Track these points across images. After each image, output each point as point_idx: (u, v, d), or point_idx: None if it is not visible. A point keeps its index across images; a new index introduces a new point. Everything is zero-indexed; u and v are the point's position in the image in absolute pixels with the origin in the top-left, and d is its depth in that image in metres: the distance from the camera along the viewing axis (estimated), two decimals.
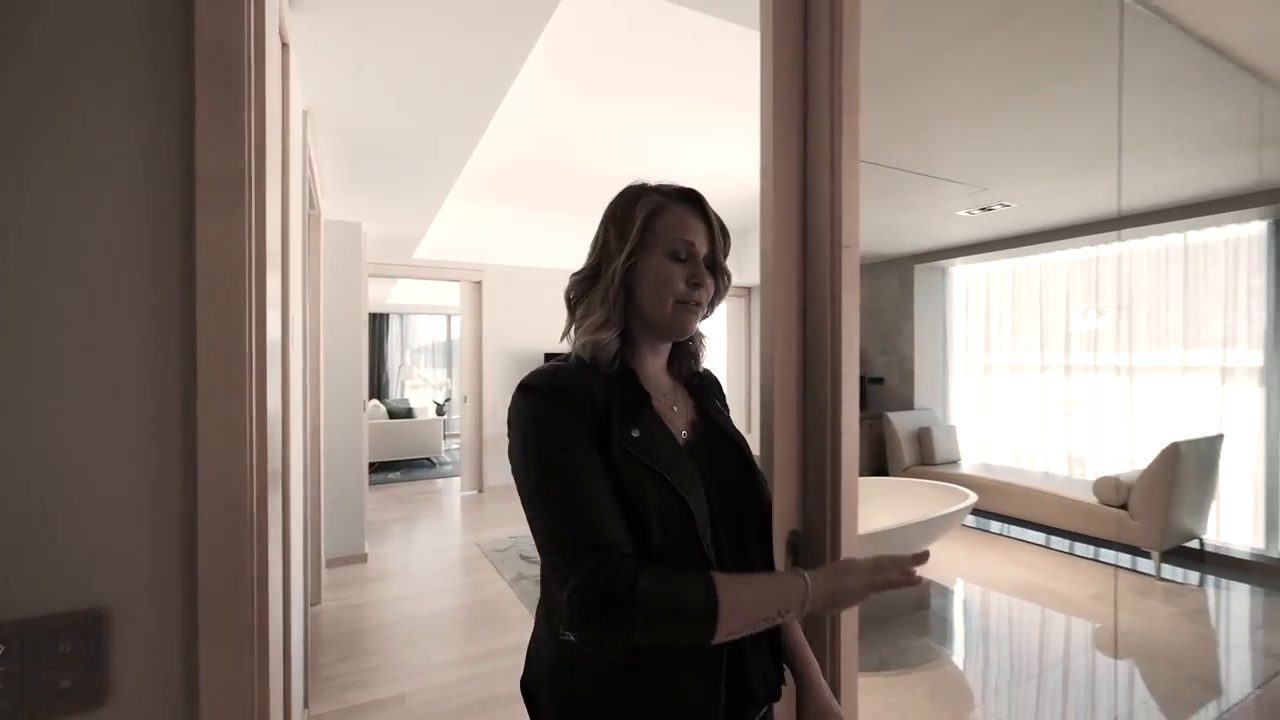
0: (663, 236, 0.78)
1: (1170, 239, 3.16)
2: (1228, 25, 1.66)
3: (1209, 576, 3.26)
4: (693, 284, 0.78)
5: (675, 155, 3.72)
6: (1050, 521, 3.84)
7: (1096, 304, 3.92)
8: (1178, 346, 3.24)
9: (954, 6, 1.33)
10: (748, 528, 0.81)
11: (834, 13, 1.00)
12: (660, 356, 0.86)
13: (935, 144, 1.65)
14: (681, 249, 0.78)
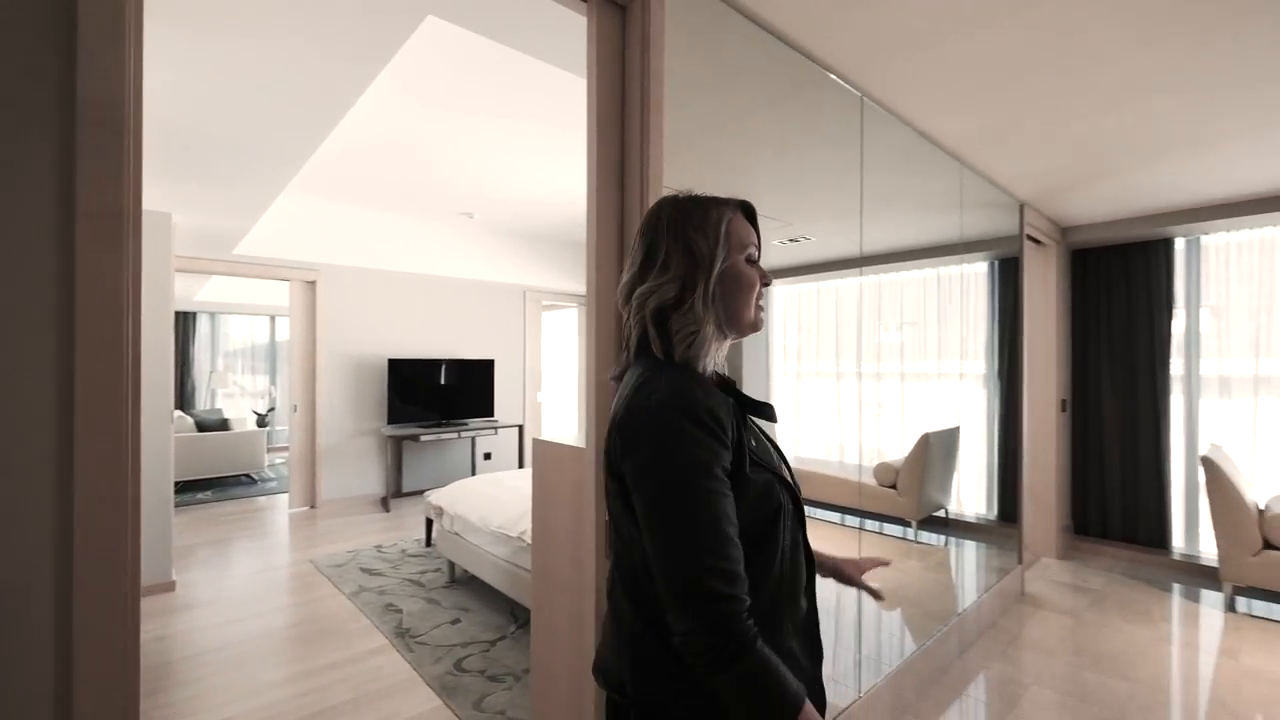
0: (737, 243, 0.81)
1: (927, 271, 4.06)
2: (936, 125, 2.26)
3: (950, 538, 4.14)
4: (764, 284, 0.82)
5: (527, 171, 3.87)
6: (846, 503, 4.59)
7: (880, 321, 4.82)
8: (934, 357, 4.11)
9: (740, 90, 1.68)
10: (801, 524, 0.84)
11: (643, 95, 1.26)
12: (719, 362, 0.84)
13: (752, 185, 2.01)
14: (754, 253, 0.83)
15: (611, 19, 1.30)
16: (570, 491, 1.44)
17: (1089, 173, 2.82)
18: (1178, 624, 2.99)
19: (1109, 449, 4.01)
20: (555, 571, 1.55)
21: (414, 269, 5.32)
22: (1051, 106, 2.10)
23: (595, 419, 1.25)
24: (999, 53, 1.74)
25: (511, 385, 6.13)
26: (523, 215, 5.04)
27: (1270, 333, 3.53)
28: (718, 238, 0.79)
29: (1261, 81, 1.90)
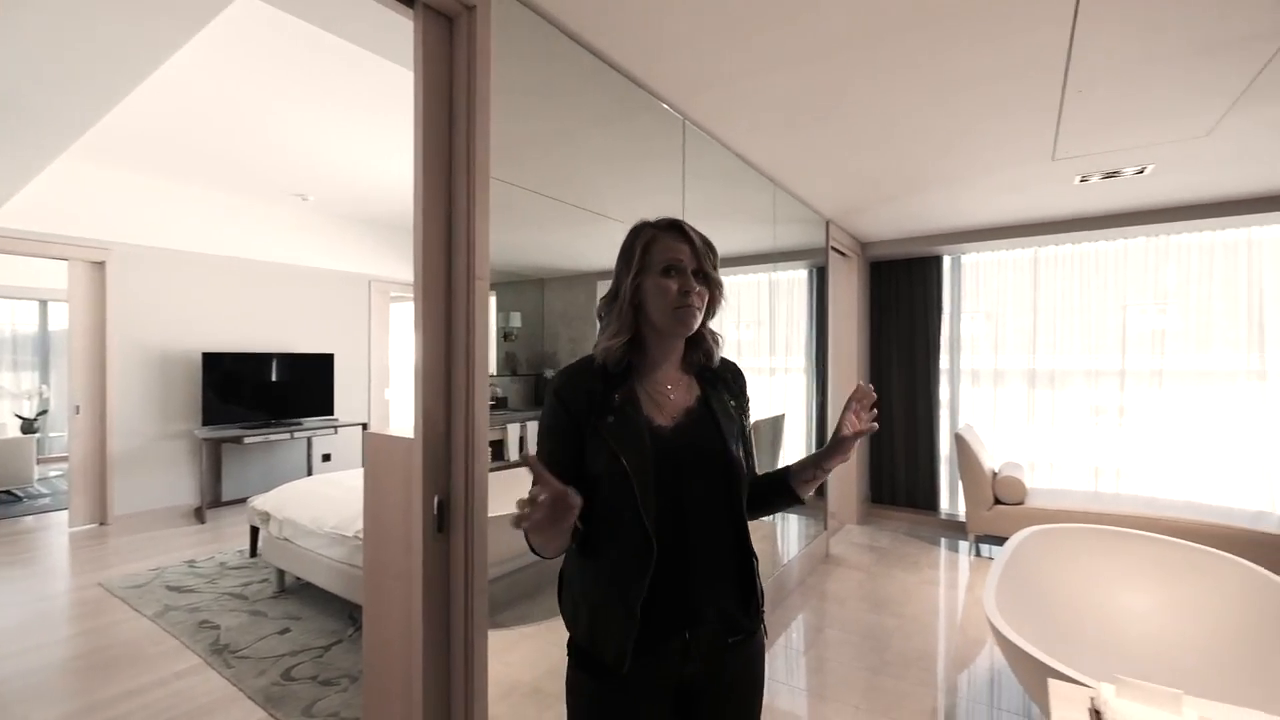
0: (656, 260, 0.98)
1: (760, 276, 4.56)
2: (749, 149, 2.59)
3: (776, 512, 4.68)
4: (683, 291, 0.97)
5: (371, 155, 3.69)
6: None
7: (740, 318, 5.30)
8: (766, 353, 4.62)
9: (570, 104, 1.82)
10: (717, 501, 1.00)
11: (470, 104, 1.33)
12: (670, 353, 1.04)
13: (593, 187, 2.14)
14: (669, 265, 0.98)
15: (439, 27, 1.36)
16: (401, 480, 1.47)
17: (872, 199, 3.38)
18: (936, 569, 3.70)
19: (897, 430, 4.80)
20: (388, 562, 1.57)
21: (236, 252, 4.78)
22: (836, 142, 2.51)
23: (424, 409, 1.31)
24: (789, 96, 2.06)
25: (355, 381, 5.76)
26: (368, 201, 4.77)
27: (1006, 335, 4.47)
28: (630, 259, 1.00)
29: (988, 136, 2.45)
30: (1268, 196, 3.30)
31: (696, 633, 0.97)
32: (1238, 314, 3.75)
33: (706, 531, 0.99)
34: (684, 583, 0.97)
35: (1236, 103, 2.07)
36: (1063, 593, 2.31)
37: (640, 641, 0.94)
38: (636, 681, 0.96)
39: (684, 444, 0.99)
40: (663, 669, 0.97)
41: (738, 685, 1.04)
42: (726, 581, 1.01)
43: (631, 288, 0.99)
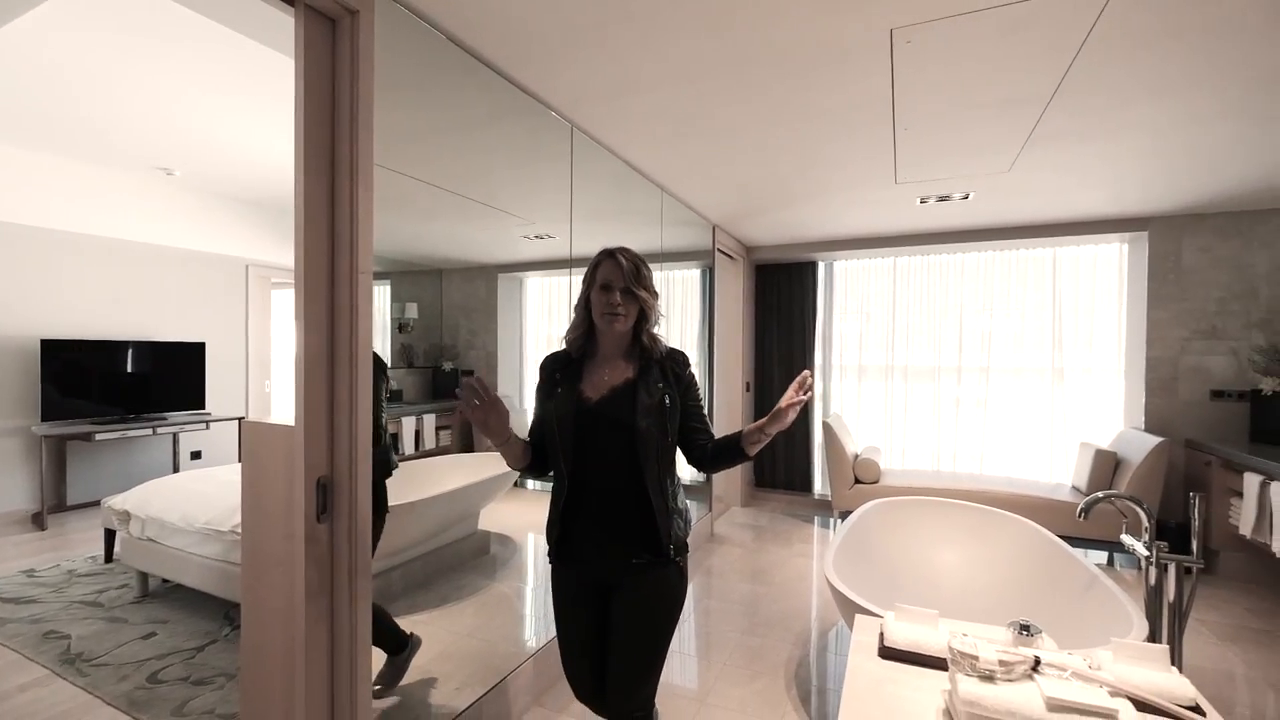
0: (597, 278, 1.39)
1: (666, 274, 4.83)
2: (636, 158, 2.78)
3: None
4: (611, 303, 1.36)
5: (249, 129, 3.50)
6: None
7: None
8: None
9: (458, 106, 1.90)
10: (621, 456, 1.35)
11: (353, 103, 1.40)
12: (615, 346, 1.43)
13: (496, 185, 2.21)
14: (604, 283, 1.38)
15: (321, 27, 1.40)
16: (282, 468, 1.50)
17: (752, 208, 3.70)
18: (807, 543, 4.13)
19: None
20: (268, 551, 1.59)
21: (83, 229, 4.31)
22: (715, 156, 2.76)
23: (305, 397, 1.36)
24: (668, 112, 2.27)
25: (231, 372, 5.37)
26: (247, 180, 4.46)
27: (870, 334, 5.02)
28: (587, 278, 1.42)
29: (841, 160, 2.79)
30: (1062, 223, 3.99)
31: (602, 551, 1.38)
32: (1044, 320, 4.49)
33: (609, 479, 1.37)
34: (590, 515, 1.38)
35: (1024, 148, 2.54)
36: (894, 552, 2.72)
37: (566, 546, 1.41)
38: (572, 575, 1.43)
39: (601, 413, 1.37)
40: (580, 568, 1.41)
41: (643, 593, 1.39)
42: (625, 523, 1.37)
43: (584, 297, 1.42)
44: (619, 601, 1.39)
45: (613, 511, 1.36)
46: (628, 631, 1.39)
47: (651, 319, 1.43)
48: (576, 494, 1.37)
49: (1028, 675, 1.08)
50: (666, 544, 1.37)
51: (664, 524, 1.36)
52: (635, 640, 1.39)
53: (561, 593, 1.46)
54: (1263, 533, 2.94)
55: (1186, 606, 1.72)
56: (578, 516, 1.38)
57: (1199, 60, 1.83)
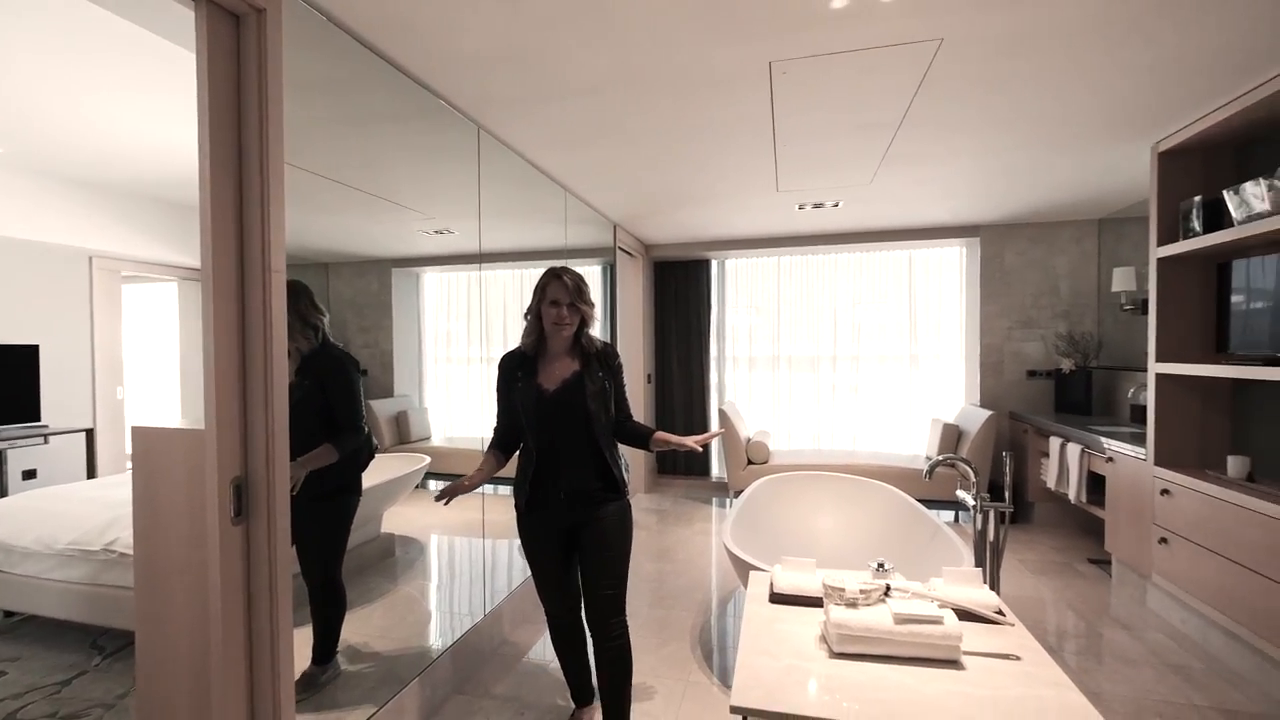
0: (546, 295, 1.75)
1: None
2: (541, 159, 2.87)
3: None
4: (560, 316, 1.73)
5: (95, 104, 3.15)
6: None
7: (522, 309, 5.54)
8: None
9: (364, 102, 1.90)
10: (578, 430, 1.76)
11: (262, 97, 1.39)
12: (562, 347, 1.80)
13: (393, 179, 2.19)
14: (552, 300, 1.74)
15: (225, 23, 1.37)
16: (185, 473, 1.45)
17: (650, 209, 3.91)
18: (707, 522, 4.44)
19: (678, 408, 5.54)
20: (169, 561, 1.53)
21: None
22: (615, 162, 2.92)
23: (217, 401, 1.34)
24: (570, 120, 2.39)
25: (72, 379, 4.74)
26: (89, 157, 3.96)
27: (759, 327, 5.44)
28: (537, 294, 1.79)
29: (730, 169, 3.05)
30: (914, 229, 4.59)
31: (569, 494, 1.76)
32: (902, 313, 5.13)
33: (570, 447, 1.77)
34: (557, 472, 1.77)
35: (880, 165, 2.95)
36: (781, 521, 3.06)
37: (535, 500, 1.78)
38: (541, 521, 1.80)
39: (558, 399, 1.76)
40: (552, 515, 1.78)
41: (602, 525, 1.77)
42: (586, 471, 1.77)
43: (535, 310, 1.79)
44: (588, 534, 1.77)
45: (576, 472, 1.77)
46: (600, 552, 1.76)
47: (591, 324, 1.82)
48: (545, 462, 1.77)
49: (881, 599, 1.34)
50: (619, 481, 1.80)
51: (616, 471, 1.80)
52: (607, 558, 1.77)
53: (533, 538, 1.83)
54: (1063, 485, 3.62)
55: (1002, 543, 2.13)
56: (545, 479, 1.77)
57: (1002, 104, 2.26)
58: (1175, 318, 2.73)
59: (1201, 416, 2.70)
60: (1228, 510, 2.27)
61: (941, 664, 1.22)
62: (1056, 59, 1.90)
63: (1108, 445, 3.09)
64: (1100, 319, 4.34)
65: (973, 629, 1.34)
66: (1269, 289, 2.30)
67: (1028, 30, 1.73)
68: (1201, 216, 2.49)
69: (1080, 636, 2.65)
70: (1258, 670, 2.23)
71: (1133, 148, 2.76)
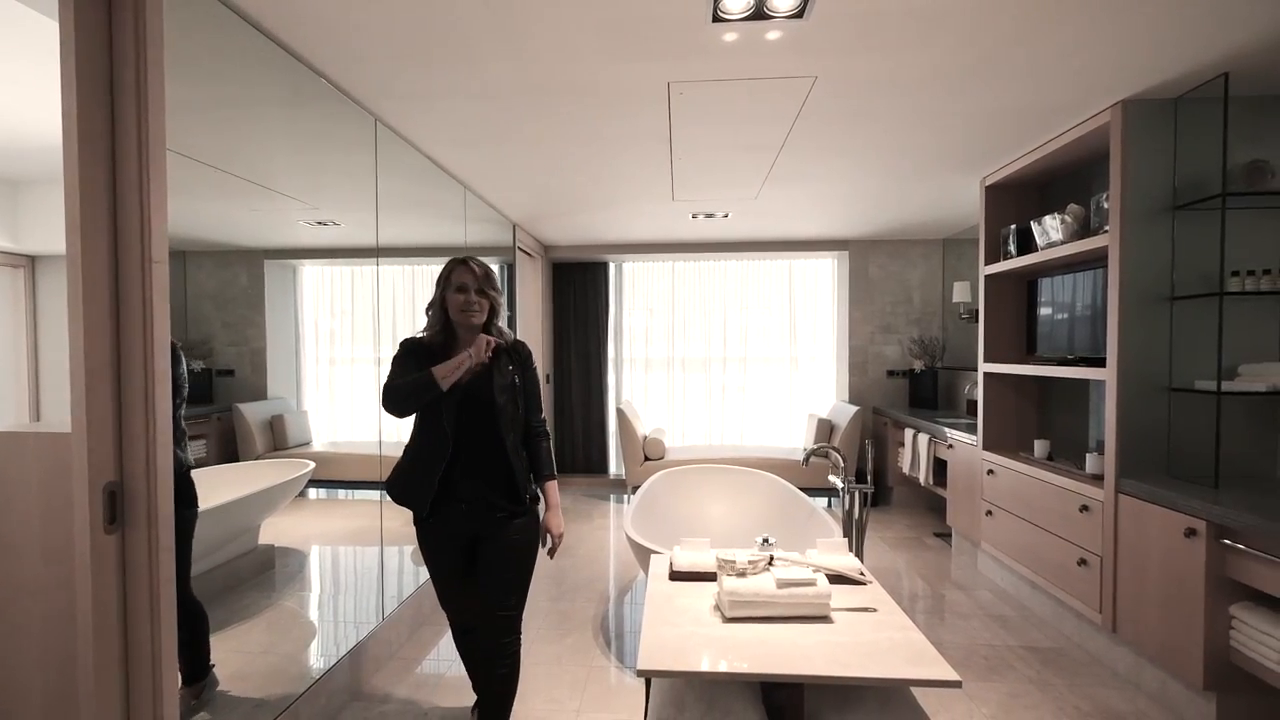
0: (452, 282, 1.66)
1: None
2: (441, 155, 2.84)
3: None
4: (466, 302, 1.64)
5: None
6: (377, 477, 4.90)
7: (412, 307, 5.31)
8: None
9: (250, 85, 1.81)
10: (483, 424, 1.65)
11: (139, 79, 1.30)
12: (470, 335, 1.66)
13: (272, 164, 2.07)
14: (460, 287, 1.65)
15: (94, 4, 1.27)
16: (44, 481, 1.31)
17: (550, 211, 3.97)
18: (606, 517, 4.56)
19: (576, 408, 5.61)
20: (16, 579, 1.37)
21: None
22: (516, 163, 2.96)
23: (88, 400, 1.23)
24: (472, 120, 2.40)
25: None
26: None
27: (654, 329, 5.66)
28: (441, 282, 1.69)
29: (627, 178, 3.19)
30: (794, 240, 5.03)
31: (469, 506, 1.66)
32: (783, 318, 5.58)
33: (472, 450, 1.65)
34: (457, 475, 1.65)
35: (765, 182, 3.24)
36: (677, 511, 3.25)
37: (436, 504, 1.66)
38: (440, 528, 1.70)
39: (466, 392, 1.63)
40: (451, 524, 1.68)
41: (505, 542, 1.68)
42: (491, 479, 1.66)
43: (439, 299, 1.68)
44: (488, 548, 1.68)
45: (477, 472, 1.65)
46: (501, 573, 1.68)
47: (499, 314, 1.74)
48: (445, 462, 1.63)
49: (766, 568, 1.53)
50: (524, 496, 1.71)
51: (521, 481, 1.69)
52: (507, 579, 1.69)
53: (431, 548, 1.74)
54: (915, 470, 4.15)
55: (865, 519, 2.45)
56: (450, 478, 1.65)
57: (867, 136, 2.59)
58: (998, 325, 3.27)
59: (1017, 407, 3.24)
60: (1033, 484, 2.76)
61: (815, 620, 1.42)
62: (908, 102, 2.24)
63: (949, 434, 3.61)
64: (945, 325, 5.01)
65: (840, 590, 1.57)
66: (1062, 303, 2.83)
67: (886, 76, 2.02)
68: (1015, 241, 3.00)
69: (927, 598, 3.08)
70: (1054, 613, 2.74)
71: (966, 180, 3.26)
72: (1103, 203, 2.40)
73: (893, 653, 1.28)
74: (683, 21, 1.67)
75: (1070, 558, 2.50)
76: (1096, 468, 2.46)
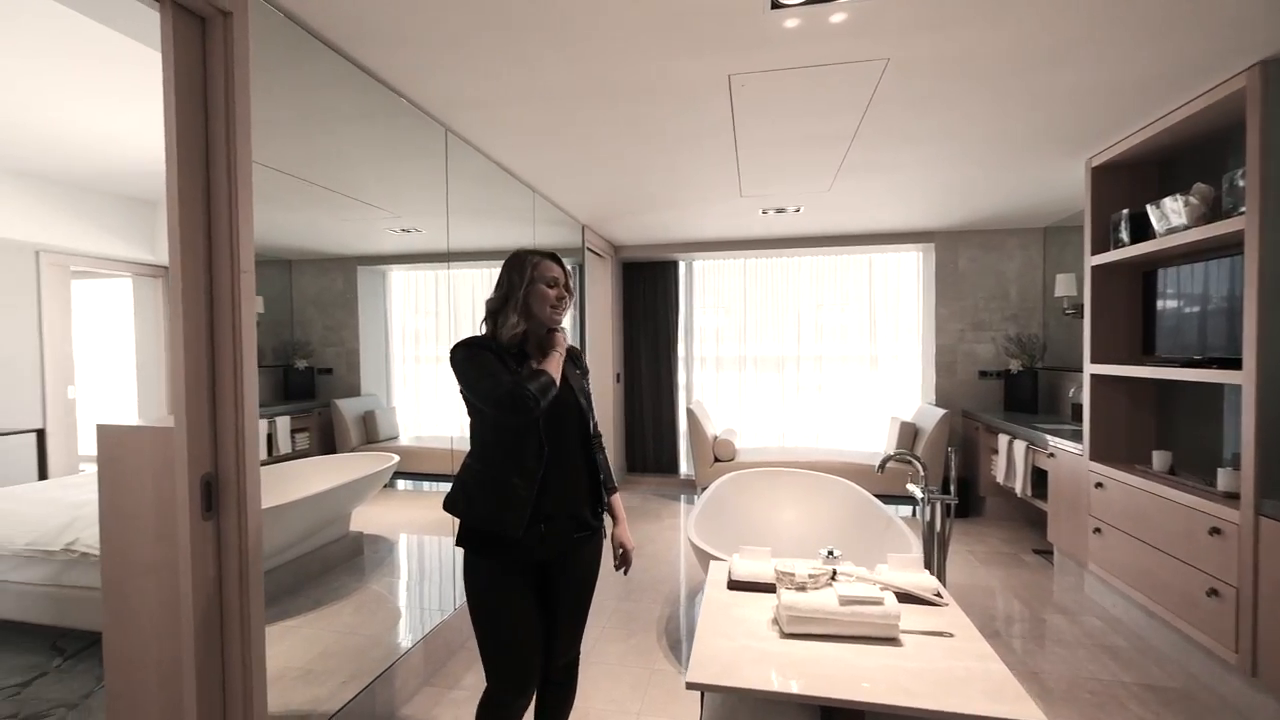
0: (540, 276, 1.47)
1: None
2: (509, 161, 2.91)
3: None
4: (558, 297, 1.48)
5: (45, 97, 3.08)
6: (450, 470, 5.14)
7: None
8: None
9: (331, 103, 1.93)
10: (571, 431, 1.49)
11: (229, 99, 1.41)
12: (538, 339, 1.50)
13: (361, 178, 2.21)
14: (550, 281, 1.47)
15: (190, 26, 1.39)
16: (153, 471, 1.47)
17: (616, 212, 3.98)
18: (675, 518, 4.53)
19: (646, 407, 5.62)
20: (136, 556, 1.54)
21: None
22: (581, 165, 2.99)
23: (187, 398, 1.36)
24: (537, 125, 2.44)
25: (19, 378, 4.57)
26: (32, 148, 3.82)
27: (725, 328, 5.57)
28: (523, 274, 1.47)
29: (694, 175, 3.14)
30: (872, 234, 4.77)
31: (549, 525, 1.44)
32: (863, 315, 5.31)
33: (564, 462, 1.46)
34: (547, 493, 1.42)
35: (838, 173, 3.08)
36: (744, 515, 3.17)
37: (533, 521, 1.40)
38: (514, 559, 1.42)
39: (560, 399, 1.44)
40: (524, 551, 1.42)
41: (583, 569, 1.55)
42: (577, 491, 1.49)
43: (522, 294, 1.46)
44: (563, 577, 1.51)
45: (567, 487, 1.46)
46: (577, 601, 1.55)
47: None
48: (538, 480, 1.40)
49: (828, 583, 1.45)
50: (603, 510, 1.59)
51: (601, 494, 1.56)
52: (581, 610, 1.58)
53: (502, 585, 1.42)
54: (1010, 479, 3.82)
55: (947, 534, 2.27)
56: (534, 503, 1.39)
57: (949, 120, 2.40)
58: (1107, 322, 2.93)
59: (1131, 414, 2.90)
60: (1151, 501, 2.45)
61: (881, 641, 1.33)
62: (995, 81, 2.04)
63: (1050, 442, 3.29)
64: (1045, 322, 4.58)
65: (912, 610, 1.45)
66: (1191, 296, 2.50)
67: (967, 54, 1.86)
68: (1129, 228, 2.68)
69: (1024, 621, 2.82)
70: (1177, 648, 2.42)
71: (1069, 163, 2.95)
72: (1237, 180, 2.08)
73: (968, 684, 1.17)
74: (740, 10, 1.62)
75: (1197, 586, 2.20)
76: (1231, 485, 2.14)
